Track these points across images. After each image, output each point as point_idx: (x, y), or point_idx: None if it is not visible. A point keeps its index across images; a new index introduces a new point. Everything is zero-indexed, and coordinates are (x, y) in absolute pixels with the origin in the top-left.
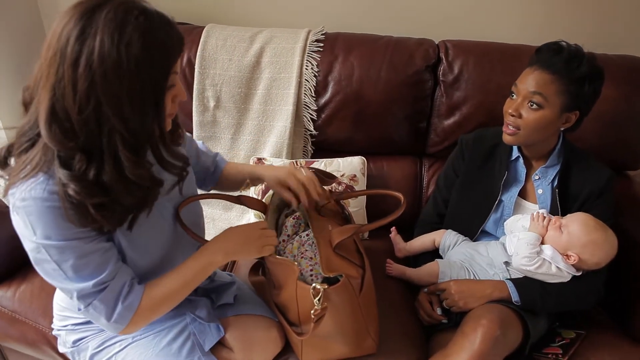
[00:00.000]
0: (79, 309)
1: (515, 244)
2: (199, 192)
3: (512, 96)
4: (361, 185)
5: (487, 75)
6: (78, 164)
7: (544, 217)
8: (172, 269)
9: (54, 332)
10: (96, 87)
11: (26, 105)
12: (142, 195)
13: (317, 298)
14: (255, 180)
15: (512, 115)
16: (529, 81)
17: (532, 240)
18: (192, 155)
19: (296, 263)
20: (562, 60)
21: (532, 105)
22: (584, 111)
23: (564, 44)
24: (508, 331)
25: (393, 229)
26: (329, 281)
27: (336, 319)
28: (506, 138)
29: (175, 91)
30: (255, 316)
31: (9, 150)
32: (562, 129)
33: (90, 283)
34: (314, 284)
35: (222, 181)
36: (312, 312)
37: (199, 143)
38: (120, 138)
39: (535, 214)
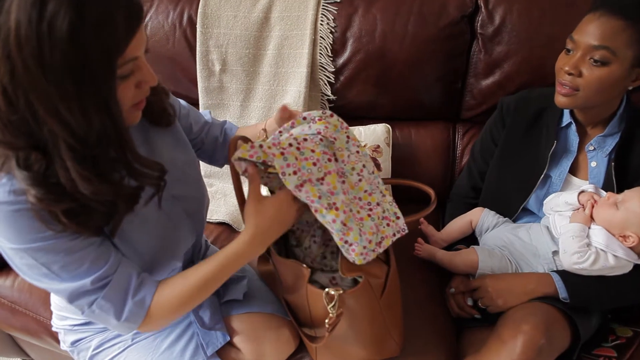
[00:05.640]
0: (83, 312)
1: (560, 243)
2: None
3: (569, 51)
4: (385, 157)
5: (535, 25)
6: (36, 164)
7: (591, 194)
8: (172, 260)
9: (53, 329)
10: (20, 81)
11: None
12: (113, 207)
13: (331, 305)
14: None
15: (570, 74)
16: (592, 31)
17: (577, 232)
18: (193, 131)
19: (304, 265)
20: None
21: (595, 62)
22: None
23: None
24: (554, 337)
25: (421, 220)
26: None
27: (353, 325)
28: (560, 100)
29: (138, 77)
30: (265, 314)
31: None
32: (630, 87)
33: (88, 280)
34: (326, 289)
35: None
36: (326, 321)
37: (206, 112)
38: (65, 146)
39: (582, 188)
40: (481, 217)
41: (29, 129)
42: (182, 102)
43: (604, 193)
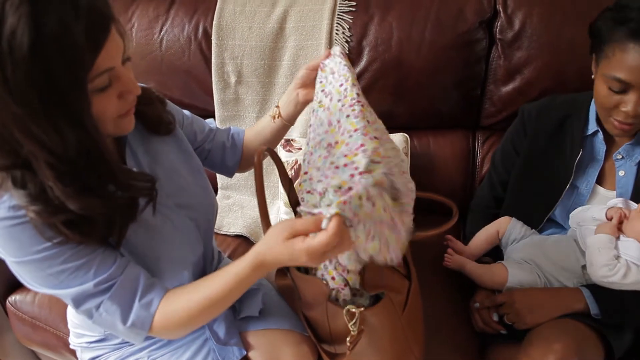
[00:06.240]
0: (91, 317)
1: (587, 255)
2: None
3: (615, 91)
4: (404, 167)
5: (556, 30)
6: (30, 182)
7: (620, 210)
8: (179, 270)
9: (71, 347)
10: None
11: None
12: (111, 218)
13: (352, 322)
14: (287, 110)
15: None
16: None
17: (604, 244)
18: (197, 139)
19: (324, 281)
20: None
21: None
22: None
23: None
24: (586, 356)
25: (448, 237)
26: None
27: (374, 342)
28: (616, 132)
29: (118, 87)
30: (283, 330)
31: None
32: None
33: (92, 283)
34: (347, 307)
35: (248, 151)
36: (347, 339)
37: (210, 121)
38: (45, 164)
39: (610, 204)
40: (509, 228)
41: (11, 149)
42: (186, 112)
43: (634, 205)
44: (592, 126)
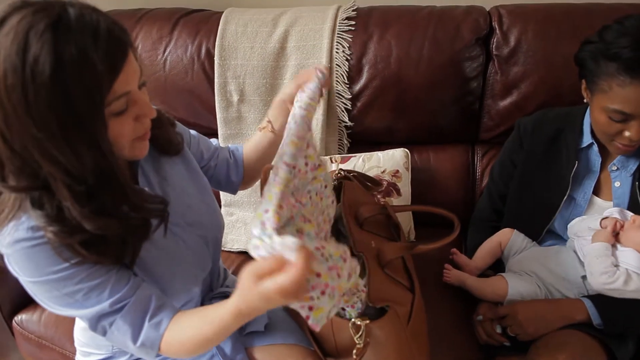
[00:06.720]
0: (105, 334)
1: (586, 265)
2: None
3: (616, 120)
4: (405, 181)
5: (552, 45)
6: (47, 203)
7: (615, 221)
8: (190, 287)
9: None
10: (14, 127)
11: None
12: (125, 238)
13: (357, 335)
14: (276, 119)
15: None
16: None
17: (600, 252)
18: (204, 157)
19: None
20: None
21: None
22: None
23: None
24: None
25: (454, 250)
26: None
27: (379, 354)
28: (620, 153)
29: (135, 111)
30: (288, 345)
31: None
32: None
33: (107, 303)
34: (352, 320)
35: (248, 161)
36: (354, 351)
37: (213, 140)
38: (63, 185)
39: (606, 214)
40: (511, 240)
41: (32, 171)
42: (192, 131)
43: (630, 214)
44: (587, 139)
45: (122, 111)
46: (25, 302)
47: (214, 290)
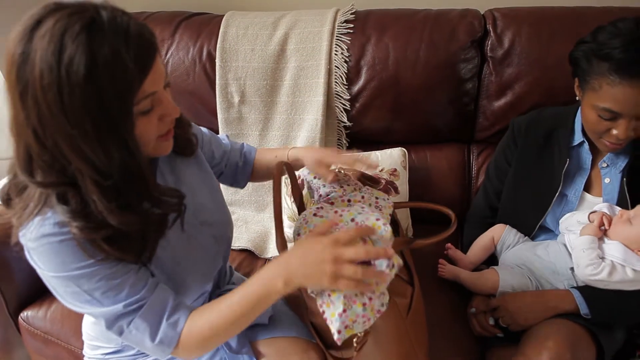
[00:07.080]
0: (121, 334)
1: (573, 257)
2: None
3: (605, 118)
4: (402, 179)
5: (544, 47)
6: (73, 199)
7: (602, 215)
8: (203, 284)
9: (85, 359)
10: (47, 124)
11: None
12: (145, 233)
13: None
14: (294, 162)
15: (623, 139)
16: (636, 101)
17: (586, 245)
18: (215, 157)
19: None
20: None
21: None
22: None
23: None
24: (578, 353)
25: (448, 245)
26: None
27: (380, 345)
28: (607, 150)
29: (159, 111)
30: (291, 338)
31: (9, 189)
32: None
33: (122, 304)
34: None
35: (257, 171)
36: (354, 340)
37: (222, 136)
38: (91, 181)
39: (595, 209)
40: (503, 235)
41: (60, 167)
42: (204, 129)
43: (618, 209)
44: (578, 137)
45: (148, 110)
46: (31, 298)
47: (221, 287)
